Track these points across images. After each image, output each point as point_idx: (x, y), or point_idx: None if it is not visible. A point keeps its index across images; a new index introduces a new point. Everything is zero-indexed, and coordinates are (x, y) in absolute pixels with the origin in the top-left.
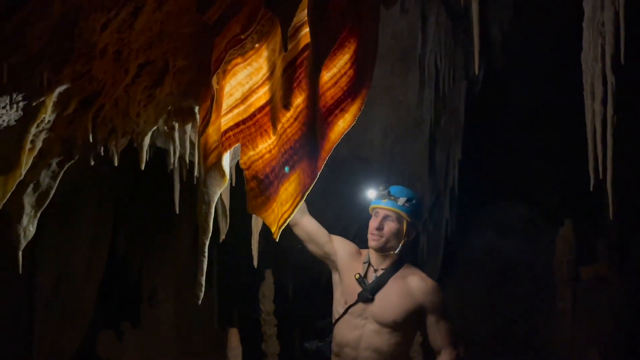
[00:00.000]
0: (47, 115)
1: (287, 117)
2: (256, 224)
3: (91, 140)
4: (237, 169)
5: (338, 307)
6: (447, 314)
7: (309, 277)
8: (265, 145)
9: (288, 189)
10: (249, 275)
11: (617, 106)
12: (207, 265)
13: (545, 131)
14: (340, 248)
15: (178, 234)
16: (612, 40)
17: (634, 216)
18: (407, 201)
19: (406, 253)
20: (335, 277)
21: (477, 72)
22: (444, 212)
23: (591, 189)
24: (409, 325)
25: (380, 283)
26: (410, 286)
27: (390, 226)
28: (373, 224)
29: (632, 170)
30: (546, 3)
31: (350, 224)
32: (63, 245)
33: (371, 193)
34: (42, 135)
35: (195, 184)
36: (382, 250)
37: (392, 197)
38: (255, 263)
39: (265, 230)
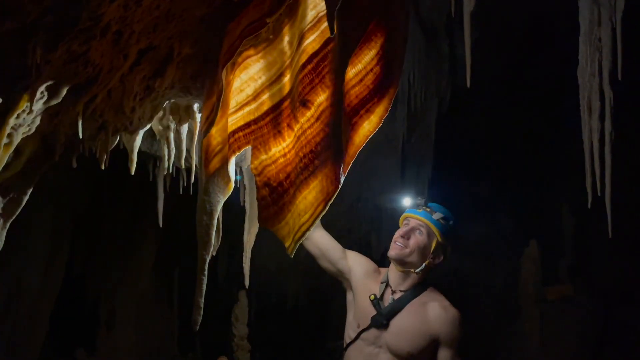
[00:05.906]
0: (32, 104)
1: (306, 117)
2: (248, 239)
3: (80, 137)
4: None
5: (350, 331)
6: (464, 350)
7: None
8: (279, 149)
9: (307, 198)
10: (216, 296)
11: (614, 122)
12: (167, 284)
13: (506, 152)
14: (355, 265)
15: (140, 251)
16: (609, 55)
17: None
18: (443, 218)
19: (430, 276)
20: (349, 296)
21: (468, 84)
22: None
23: (589, 206)
24: (426, 357)
25: (396, 308)
26: (429, 314)
27: (417, 239)
28: (399, 231)
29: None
30: (510, 23)
31: None
32: (13, 262)
33: (407, 201)
34: (22, 129)
35: (181, 193)
36: (402, 263)
37: (428, 209)
38: (246, 283)
39: (236, 247)
